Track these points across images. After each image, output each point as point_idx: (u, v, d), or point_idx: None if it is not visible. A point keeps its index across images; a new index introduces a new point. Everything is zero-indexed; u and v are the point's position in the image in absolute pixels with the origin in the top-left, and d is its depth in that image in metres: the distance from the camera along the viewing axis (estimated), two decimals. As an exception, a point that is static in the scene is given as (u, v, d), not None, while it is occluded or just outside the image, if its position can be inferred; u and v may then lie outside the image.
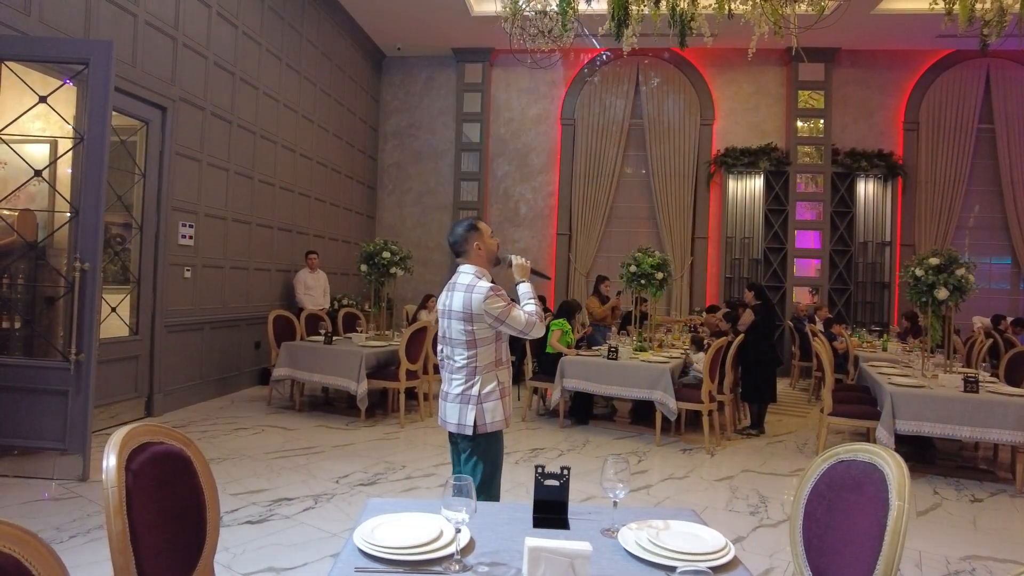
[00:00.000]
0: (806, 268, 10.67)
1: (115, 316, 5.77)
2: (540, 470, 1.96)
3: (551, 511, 1.94)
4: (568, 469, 1.97)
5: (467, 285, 2.72)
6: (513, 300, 2.76)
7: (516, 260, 2.88)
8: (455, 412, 2.71)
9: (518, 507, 2.07)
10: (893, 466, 1.72)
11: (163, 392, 6.25)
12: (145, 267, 6.07)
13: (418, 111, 11.47)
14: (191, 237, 6.56)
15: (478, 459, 2.72)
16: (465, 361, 2.71)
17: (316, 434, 5.71)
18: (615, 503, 1.85)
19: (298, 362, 6.32)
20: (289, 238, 8.52)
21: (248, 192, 7.55)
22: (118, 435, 1.64)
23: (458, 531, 1.66)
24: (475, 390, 2.69)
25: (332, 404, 6.98)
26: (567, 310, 6.86)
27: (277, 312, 7.03)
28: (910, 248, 10.42)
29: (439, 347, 2.91)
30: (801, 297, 10.42)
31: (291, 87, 8.43)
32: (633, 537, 1.75)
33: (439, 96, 11.39)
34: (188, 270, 6.57)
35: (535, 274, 2.94)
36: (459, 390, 2.71)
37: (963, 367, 6.25)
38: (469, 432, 2.68)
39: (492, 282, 2.77)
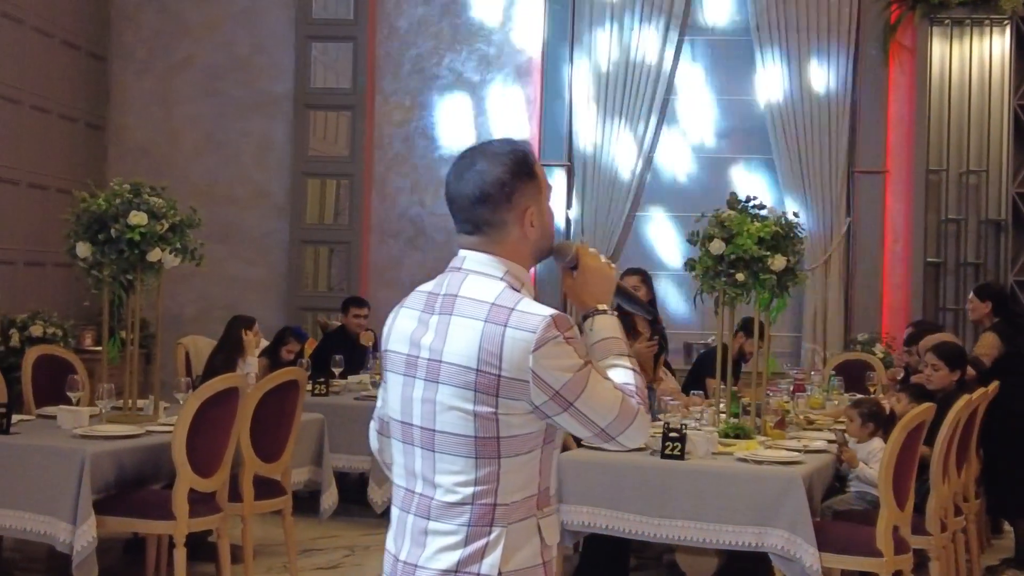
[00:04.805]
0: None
1: None
2: None
3: None
4: None
5: (492, 304, 2.61)
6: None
7: (592, 258, 2.78)
8: None
9: None
10: None
11: None
12: None
13: None
14: None
15: None
16: (469, 492, 2.65)
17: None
18: None
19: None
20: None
21: None
22: None
23: None
24: (491, 560, 2.65)
25: (12, 573, 7.02)
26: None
27: None
28: None
29: (379, 447, 2.93)
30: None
31: None
32: None
33: None
34: None
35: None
36: (451, 561, 2.65)
37: None
38: None
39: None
